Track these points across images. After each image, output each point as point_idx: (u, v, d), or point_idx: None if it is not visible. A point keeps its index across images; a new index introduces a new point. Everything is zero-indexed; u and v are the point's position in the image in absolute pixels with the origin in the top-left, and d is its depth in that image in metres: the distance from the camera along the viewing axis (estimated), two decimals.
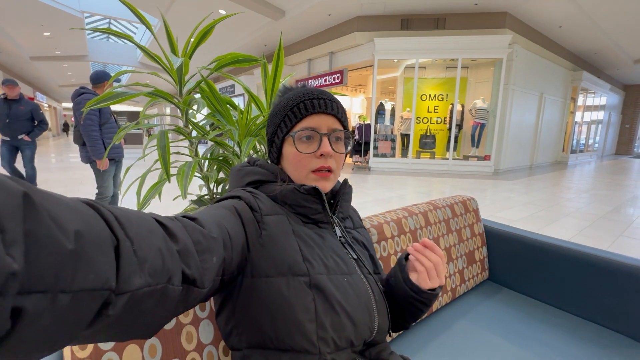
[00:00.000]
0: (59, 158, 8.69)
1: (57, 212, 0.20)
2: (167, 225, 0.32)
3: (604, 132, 14.29)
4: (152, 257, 0.27)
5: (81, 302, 0.20)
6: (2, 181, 0.17)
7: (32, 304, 0.17)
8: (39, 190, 0.20)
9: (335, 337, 0.47)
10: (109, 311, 0.23)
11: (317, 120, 0.56)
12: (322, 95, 0.58)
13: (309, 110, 0.56)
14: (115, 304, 0.23)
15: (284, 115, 0.57)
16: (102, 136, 2.52)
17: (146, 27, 1.13)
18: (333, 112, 0.57)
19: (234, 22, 8.13)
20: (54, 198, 0.21)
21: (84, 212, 0.22)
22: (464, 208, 1.24)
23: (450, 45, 6.84)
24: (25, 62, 12.44)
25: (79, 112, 2.44)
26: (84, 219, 0.22)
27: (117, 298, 0.23)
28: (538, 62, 8.13)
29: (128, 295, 0.24)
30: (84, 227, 0.21)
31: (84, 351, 0.48)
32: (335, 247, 0.55)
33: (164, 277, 0.28)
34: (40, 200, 0.19)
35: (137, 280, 0.25)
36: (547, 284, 1.11)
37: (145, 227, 0.28)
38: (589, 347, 0.90)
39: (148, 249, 0.27)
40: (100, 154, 2.46)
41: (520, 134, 8.17)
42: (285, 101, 0.58)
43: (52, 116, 24.71)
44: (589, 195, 5.01)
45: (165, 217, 0.34)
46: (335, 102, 0.59)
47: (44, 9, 7.77)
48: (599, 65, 11.37)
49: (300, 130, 0.56)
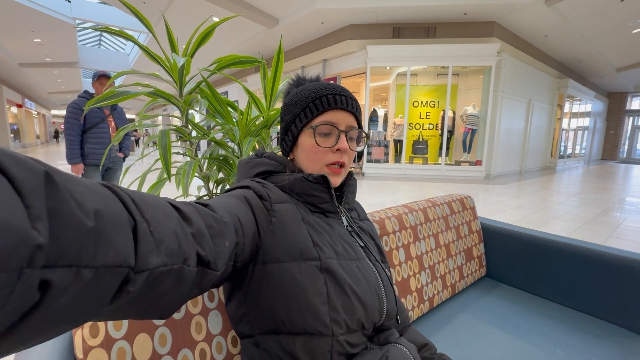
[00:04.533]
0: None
1: (77, 191, 0.20)
2: (181, 209, 0.33)
3: (590, 138, 14.67)
4: (169, 238, 0.28)
5: (103, 278, 0.21)
6: (24, 160, 0.18)
7: (58, 277, 0.18)
8: (60, 171, 0.21)
9: (347, 319, 0.48)
10: (129, 288, 0.24)
11: (337, 115, 0.58)
12: (343, 92, 0.59)
13: (332, 105, 0.57)
14: (135, 281, 0.24)
15: (305, 106, 0.58)
16: (87, 141, 2.43)
17: (146, 28, 1.14)
18: (352, 110, 0.59)
19: (227, 30, 8.18)
20: (74, 178, 0.21)
21: (102, 194, 0.23)
22: (461, 205, 1.26)
23: (441, 53, 7.00)
24: (13, 69, 12.25)
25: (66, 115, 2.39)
26: (103, 199, 0.23)
27: (137, 276, 0.24)
28: (526, 69, 8.36)
29: (147, 273, 0.25)
30: (103, 207, 0.22)
31: (96, 339, 0.48)
32: (343, 235, 0.56)
33: (180, 258, 0.29)
34: (61, 179, 0.20)
35: (154, 259, 0.26)
36: (544, 278, 1.14)
37: (161, 210, 0.29)
38: (586, 337, 0.92)
39: (164, 230, 0.28)
40: (73, 158, 2.37)
41: (510, 140, 8.34)
42: (306, 92, 0.59)
43: (40, 124, 24.30)
44: (578, 198, 5.12)
45: (179, 201, 0.35)
46: (355, 101, 0.61)
47: (35, 15, 7.70)
48: (584, 73, 11.74)
49: (321, 124, 0.57)
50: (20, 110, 16.96)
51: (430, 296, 1.03)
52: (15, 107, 16.25)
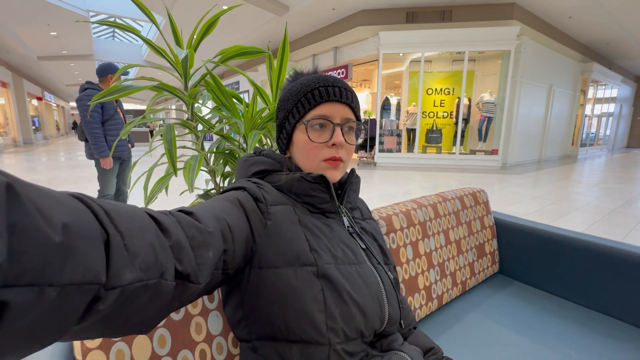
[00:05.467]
0: (68, 156, 8.80)
1: (44, 204, 0.19)
2: (159, 220, 0.32)
3: (615, 124, 14.00)
4: (144, 252, 0.27)
5: (70, 296, 0.20)
6: None
7: (18, 297, 0.17)
8: (24, 182, 0.19)
9: (345, 328, 0.47)
10: (99, 306, 0.22)
11: (330, 108, 0.55)
12: (336, 82, 0.56)
13: (324, 97, 0.54)
14: (105, 299, 0.23)
15: (297, 101, 0.56)
16: (105, 133, 2.44)
17: (152, 22, 1.12)
18: (347, 101, 0.56)
19: (237, 18, 8.10)
20: (40, 190, 0.20)
21: (71, 206, 0.22)
22: (473, 200, 1.22)
23: (457, 37, 6.73)
24: (33, 62, 12.58)
25: (82, 108, 2.38)
26: (72, 212, 0.21)
27: (108, 293, 0.23)
28: (547, 53, 7.97)
29: (119, 290, 0.24)
30: (72, 220, 0.21)
31: (94, 341, 0.48)
32: (343, 237, 0.54)
33: (157, 272, 0.28)
34: (25, 191, 0.18)
35: (128, 275, 0.24)
36: (560, 276, 1.09)
37: (137, 222, 0.28)
38: (603, 339, 0.88)
39: (140, 243, 0.26)
40: (102, 152, 2.39)
41: (528, 128, 8.04)
42: (298, 87, 0.56)
43: (60, 115, 25.06)
44: (599, 189, 4.92)
45: (158, 212, 0.34)
46: (350, 91, 0.57)
47: (49, 8, 7.83)
48: (611, 56, 11.11)
49: (313, 118, 0.54)
50: (40, 102, 17.49)
51: (439, 294, 1.00)
52: (36, 99, 16.75)
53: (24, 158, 8.33)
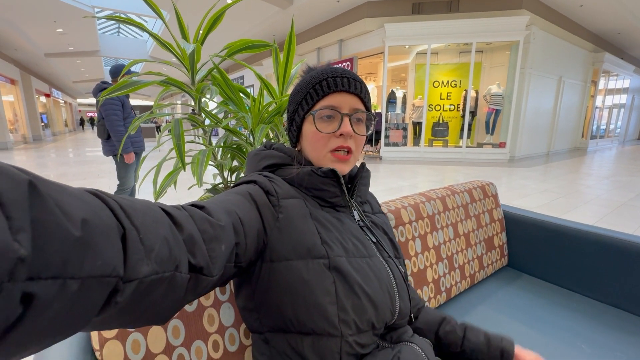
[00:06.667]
0: (77, 152, 8.92)
1: (63, 200, 0.20)
2: (173, 214, 0.32)
3: (627, 116, 13.69)
4: (159, 245, 0.27)
5: (90, 289, 0.21)
6: (7, 170, 0.17)
7: (42, 289, 0.18)
8: (45, 180, 0.20)
9: (357, 320, 0.47)
10: (117, 298, 0.23)
11: (339, 99, 0.55)
12: (345, 73, 0.56)
13: (332, 88, 0.54)
14: (123, 291, 0.23)
15: (306, 93, 0.56)
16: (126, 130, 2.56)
17: (158, 17, 1.12)
18: (356, 92, 0.55)
19: (241, 12, 8.05)
20: (60, 187, 0.21)
21: (89, 202, 0.22)
22: (482, 193, 1.21)
23: (464, 29, 6.60)
24: (40, 59, 12.69)
25: (105, 107, 2.48)
26: (90, 207, 0.22)
27: (125, 285, 0.23)
28: (557, 44, 7.78)
29: (136, 282, 0.24)
30: (91, 215, 0.21)
31: (111, 332, 0.49)
32: (353, 231, 0.54)
33: (171, 265, 0.28)
34: (46, 188, 0.19)
35: (144, 268, 0.25)
36: (569, 269, 1.08)
37: (151, 217, 0.28)
38: (615, 333, 0.87)
39: (154, 237, 0.27)
40: (127, 148, 2.53)
41: (537, 120, 7.90)
42: (308, 79, 0.57)
43: (68, 112, 25.33)
44: (610, 181, 4.83)
45: (171, 206, 0.34)
46: (359, 82, 0.57)
47: (56, 5, 7.87)
48: (623, 46, 10.81)
49: (321, 108, 0.54)
50: (48, 99, 17.68)
51: (447, 287, 1.00)
52: (44, 96, 16.94)
53: (34, 154, 8.46)
